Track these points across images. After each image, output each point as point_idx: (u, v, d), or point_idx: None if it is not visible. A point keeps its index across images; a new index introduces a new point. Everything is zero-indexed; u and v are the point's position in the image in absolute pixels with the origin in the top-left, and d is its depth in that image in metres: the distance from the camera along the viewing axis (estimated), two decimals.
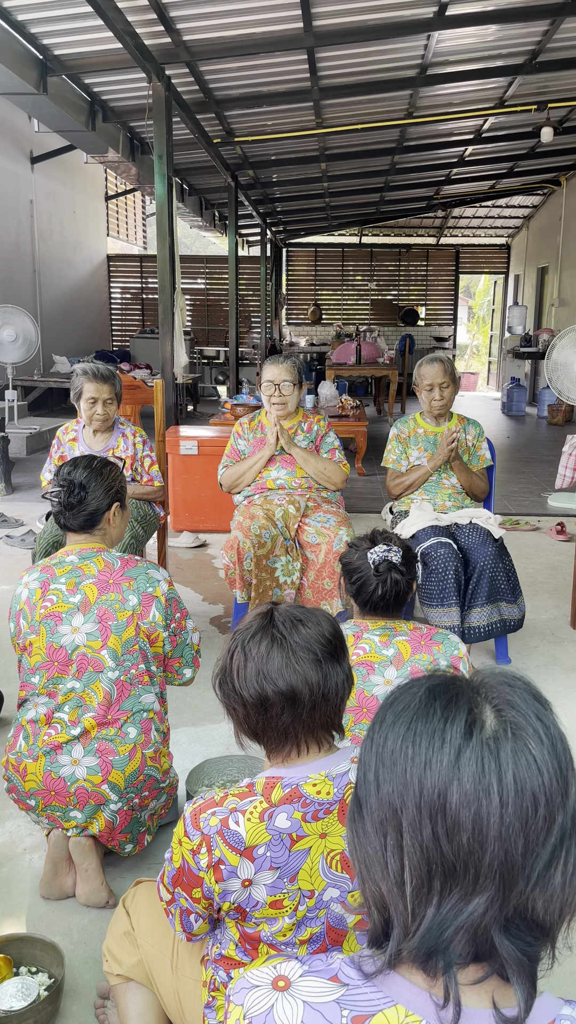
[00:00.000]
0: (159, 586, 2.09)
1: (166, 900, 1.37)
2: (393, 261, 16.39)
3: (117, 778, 1.99)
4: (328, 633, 1.31)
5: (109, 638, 2.02)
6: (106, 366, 3.49)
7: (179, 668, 2.19)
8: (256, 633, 1.30)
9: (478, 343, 21.32)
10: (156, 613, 2.07)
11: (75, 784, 1.99)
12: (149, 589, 2.07)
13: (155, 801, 2.12)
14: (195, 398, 11.51)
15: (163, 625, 2.08)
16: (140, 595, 2.06)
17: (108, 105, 6.75)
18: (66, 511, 2.13)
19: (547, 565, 4.80)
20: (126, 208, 15.75)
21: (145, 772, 2.04)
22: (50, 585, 2.07)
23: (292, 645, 1.27)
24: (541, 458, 8.28)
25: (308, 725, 1.26)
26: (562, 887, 0.70)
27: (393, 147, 8.98)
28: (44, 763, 2.01)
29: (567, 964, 1.85)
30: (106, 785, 1.99)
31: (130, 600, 2.05)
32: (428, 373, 3.50)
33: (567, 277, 11.68)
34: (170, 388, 5.85)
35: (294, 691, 1.24)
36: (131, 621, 2.04)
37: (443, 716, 0.72)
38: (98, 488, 2.15)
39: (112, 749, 2.00)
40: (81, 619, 2.03)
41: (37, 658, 2.05)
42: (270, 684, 1.25)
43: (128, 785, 2.01)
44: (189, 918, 1.35)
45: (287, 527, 3.28)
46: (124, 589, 2.06)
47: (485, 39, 6.11)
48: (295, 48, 5.60)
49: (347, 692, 1.31)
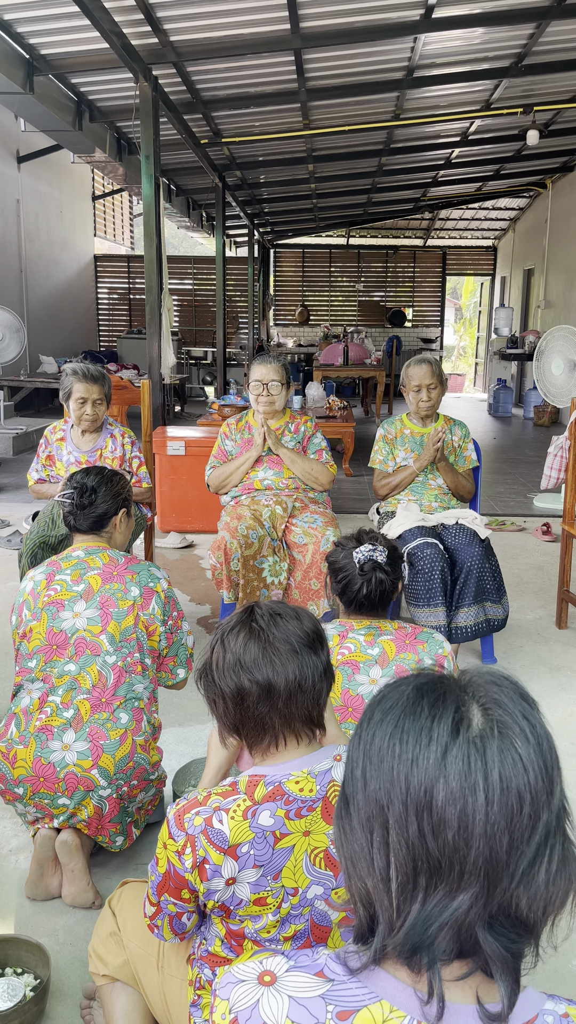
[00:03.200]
0: (160, 583, 2.21)
1: (150, 915, 1.37)
2: (380, 263, 16.43)
3: (107, 763, 2.01)
4: (307, 627, 1.32)
5: (109, 624, 2.10)
6: (96, 367, 3.48)
7: (173, 668, 2.25)
8: (236, 627, 1.32)
9: (465, 344, 21.41)
10: (156, 607, 2.16)
11: (65, 769, 2.00)
12: (151, 584, 2.18)
13: (143, 793, 2.12)
14: (183, 399, 11.50)
15: (161, 620, 2.17)
16: (142, 587, 2.16)
17: (95, 105, 6.74)
18: (77, 511, 2.26)
19: (533, 565, 4.83)
20: (113, 208, 15.71)
21: (135, 759, 2.05)
22: (55, 576, 2.17)
23: (269, 636, 1.29)
24: (527, 459, 8.32)
25: (285, 716, 1.28)
26: (546, 885, 0.70)
27: (380, 149, 9.01)
28: (35, 749, 2.02)
29: (551, 962, 1.87)
30: (96, 770, 2.00)
31: (132, 591, 2.15)
32: (415, 374, 3.51)
33: (553, 279, 11.75)
34: (157, 389, 5.84)
35: (269, 680, 1.26)
36: (131, 610, 2.13)
37: (430, 714, 0.73)
38: (107, 493, 2.30)
39: (103, 733, 2.02)
40: (83, 605, 2.12)
41: (36, 642, 2.11)
42: (246, 674, 1.27)
43: (118, 771, 2.02)
44: (180, 919, 1.35)
45: (274, 527, 3.29)
46: (127, 581, 2.16)
47: (471, 42, 6.14)
48: (282, 49, 5.61)
49: (325, 685, 1.32)
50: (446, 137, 9.03)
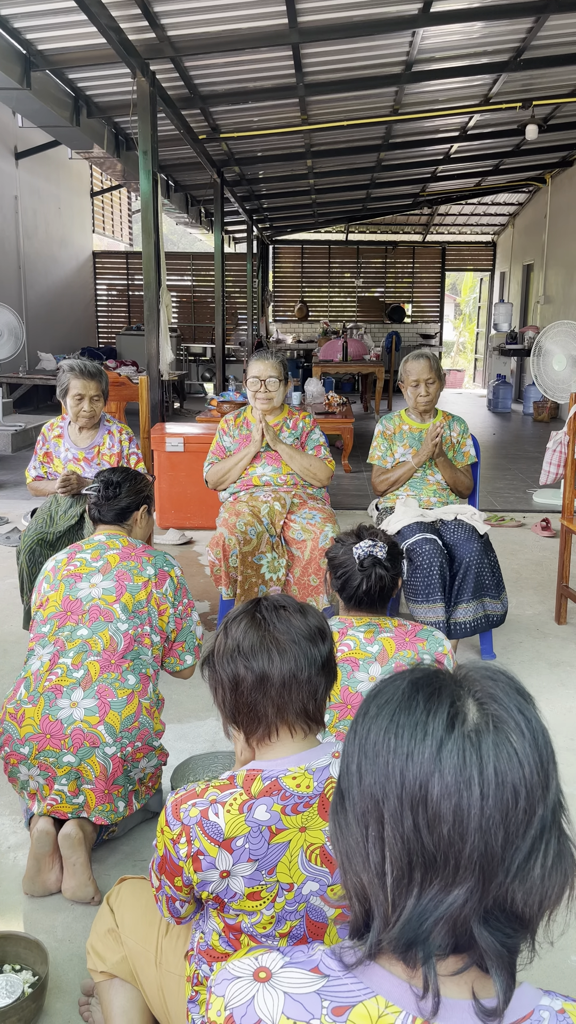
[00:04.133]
0: (174, 569, 2.37)
1: (155, 887, 1.39)
2: (379, 258, 16.40)
3: (113, 719, 2.06)
4: (311, 622, 1.33)
5: (123, 595, 2.24)
6: (93, 363, 3.47)
7: (182, 653, 2.36)
8: (239, 616, 1.34)
9: (464, 340, 21.39)
10: (168, 588, 2.31)
11: (72, 725, 2.05)
12: (166, 568, 2.34)
13: (145, 760, 2.14)
14: (182, 395, 11.49)
15: (172, 602, 2.31)
16: (157, 569, 2.32)
17: (92, 100, 6.72)
18: (102, 503, 2.45)
19: (532, 561, 4.82)
20: (112, 205, 15.68)
21: (140, 720, 2.11)
22: (76, 555, 2.34)
23: (269, 627, 1.31)
24: (526, 455, 8.31)
25: (278, 705, 1.28)
26: (541, 879, 0.70)
27: (379, 144, 8.99)
28: (43, 706, 2.08)
29: (549, 958, 1.87)
30: (102, 726, 2.05)
31: (148, 569, 2.30)
32: (414, 369, 3.51)
33: (552, 274, 11.73)
34: (155, 385, 5.84)
35: (264, 668, 1.28)
36: (145, 587, 2.27)
37: (425, 708, 0.72)
38: (131, 489, 2.49)
39: (111, 692, 2.10)
40: (100, 578, 2.27)
41: (51, 609, 2.24)
42: (243, 660, 1.29)
43: (123, 729, 2.07)
44: (175, 904, 1.36)
45: (273, 524, 3.28)
46: (144, 561, 2.32)
47: (470, 36, 6.12)
48: (280, 44, 5.59)
49: (326, 681, 1.32)
50: (445, 132, 9.01)
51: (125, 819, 2.23)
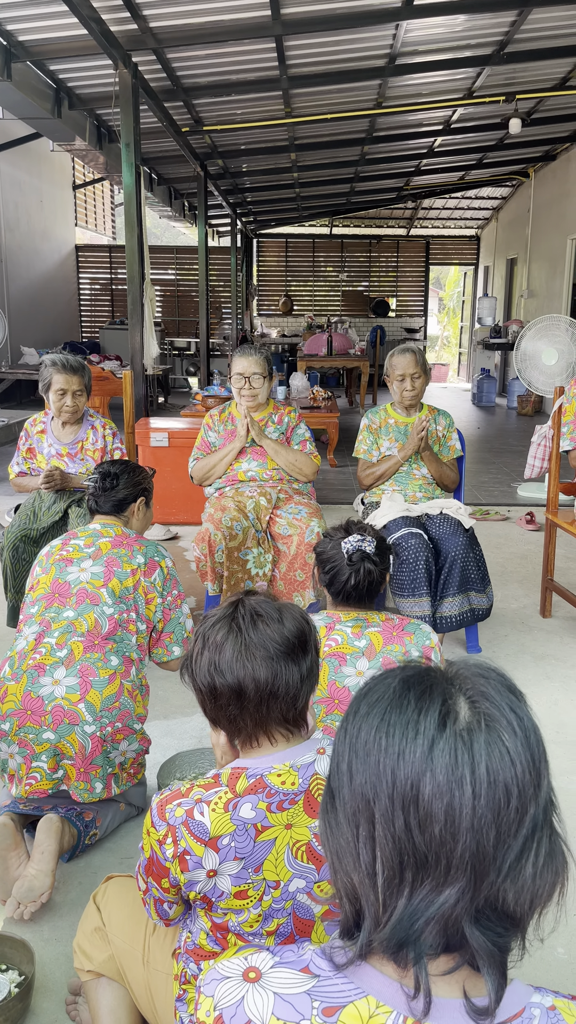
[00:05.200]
0: (165, 560, 2.38)
1: (142, 890, 1.38)
2: (364, 252, 16.39)
3: (94, 698, 2.07)
4: (289, 632, 1.29)
5: (111, 580, 2.26)
6: (75, 357, 3.44)
7: (169, 644, 2.36)
8: (216, 623, 1.31)
9: (448, 334, 21.43)
10: (157, 578, 2.33)
11: (53, 703, 2.06)
12: (156, 557, 2.36)
13: (126, 743, 2.13)
14: (166, 390, 11.44)
15: (160, 592, 2.32)
16: (148, 558, 2.34)
17: (74, 92, 6.66)
18: (100, 493, 2.48)
19: (517, 555, 4.84)
20: (94, 197, 15.56)
21: (121, 701, 2.11)
22: (70, 541, 2.38)
23: (246, 640, 1.27)
24: (511, 448, 8.34)
25: (256, 719, 1.27)
26: (532, 878, 0.70)
27: (363, 137, 8.97)
28: (25, 683, 2.09)
29: (535, 952, 1.87)
30: (82, 704, 2.05)
31: (137, 557, 2.33)
32: (400, 363, 3.50)
33: (536, 268, 11.77)
34: (139, 379, 5.81)
35: (240, 685, 1.25)
36: (134, 574, 2.29)
37: (417, 707, 0.72)
38: (129, 481, 2.52)
39: (94, 671, 2.11)
40: (91, 563, 2.30)
41: (40, 591, 2.27)
42: (219, 675, 1.27)
43: (103, 708, 2.07)
44: (163, 906, 1.35)
45: (259, 519, 3.27)
46: (135, 550, 2.35)
47: (453, 29, 6.11)
48: (263, 36, 5.56)
49: (305, 690, 1.30)
50: (429, 125, 9.00)
51: (109, 820, 2.22)
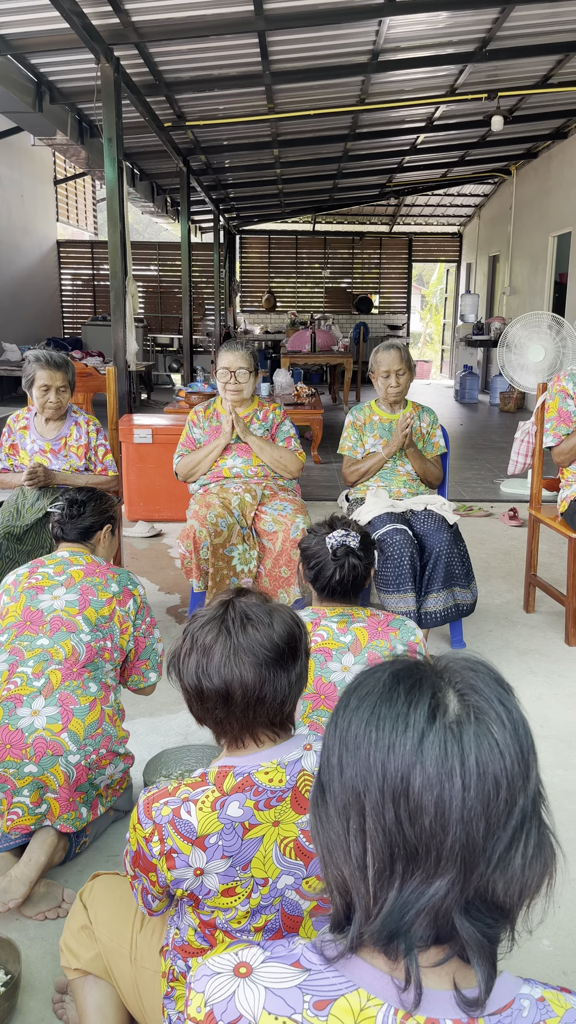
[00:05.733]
0: (138, 588, 2.34)
1: (130, 876, 1.38)
2: (347, 249, 16.40)
3: (77, 727, 2.03)
4: (279, 637, 1.27)
5: (87, 608, 2.21)
6: (59, 353, 3.42)
7: (145, 671, 2.33)
8: (206, 624, 1.29)
9: (431, 331, 21.49)
10: (132, 607, 2.29)
11: (33, 734, 2.01)
12: (130, 586, 2.32)
13: (111, 767, 2.11)
14: (149, 386, 11.40)
15: (134, 621, 2.28)
16: (122, 587, 2.30)
17: (56, 86, 6.61)
18: (66, 521, 2.44)
19: (500, 550, 4.87)
20: (76, 193, 15.46)
21: (103, 727, 2.09)
22: (38, 569, 2.32)
23: (234, 644, 1.25)
24: (493, 445, 8.38)
25: (243, 723, 1.26)
26: (522, 869, 0.70)
27: (346, 134, 8.97)
28: (2, 716, 2.03)
29: (524, 946, 1.89)
30: (65, 734, 2.01)
31: (112, 586, 2.28)
32: (384, 360, 3.51)
33: (518, 265, 11.82)
34: (123, 376, 5.78)
35: (227, 690, 1.24)
36: (109, 603, 2.25)
37: (407, 700, 0.72)
38: (95, 509, 2.48)
39: (74, 699, 2.07)
40: (64, 591, 2.24)
41: (10, 619, 2.20)
42: (206, 678, 1.25)
43: (87, 736, 2.04)
44: (147, 897, 1.35)
45: (243, 515, 3.27)
46: (108, 578, 2.30)
47: (435, 26, 6.12)
48: (246, 31, 5.54)
49: (293, 695, 1.29)
50: (411, 122, 9.01)
51: (96, 823, 2.21)
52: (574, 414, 3.49)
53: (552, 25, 6.29)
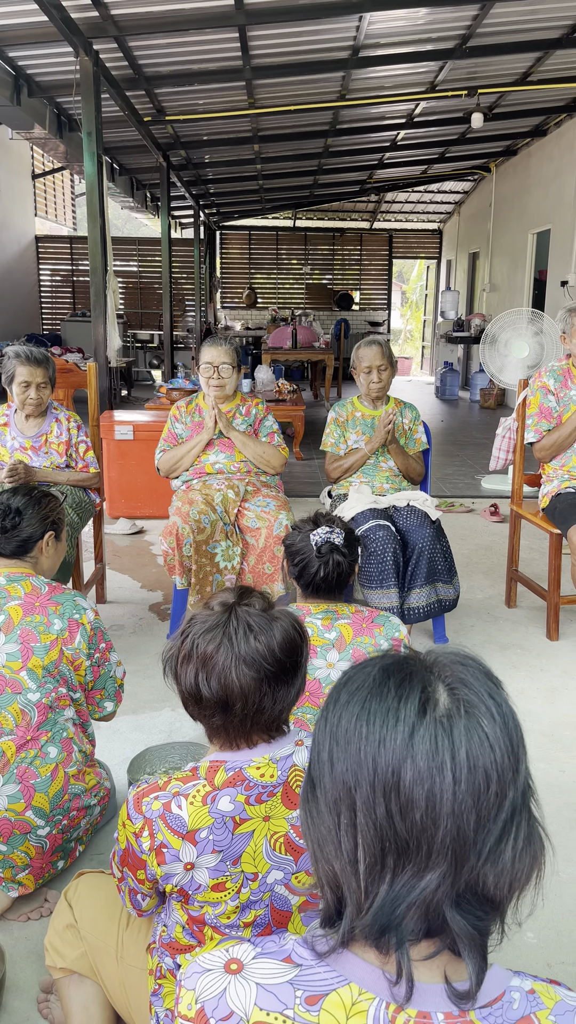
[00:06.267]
0: (86, 614, 2.05)
1: (117, 878, 1.37)
2: (327, 245, 16.39)
3: (41, 801, 1.90)
4: (280, 650, 1.25)
5: (30, 659, 1.96)
6: (39, 349, 3.39)
7: (100, 701, 2.13)
8: (208, 631, 1.26)
9: (411, 328, 21.53)
10: (81, 641, 2.02)
11: None
12: (76, 616, 2.03)
13: (86, 819, 2.05)
14: (129, 382, 11.34)
15: (87, 654, 2.03)
16: (66, 620, 2.01)
17: (34, 79, 6.55)
18: (1, 535, 2.12)
19: (481, 546, 4.89)
20: (54, 187, 15.33)
21: (70, 791, 1.96)
22: None
23: (237, 655, 1.23)
24: (474, 441, 8.42)
25: (240, 730, 1.26)
26: (512, 862, 0.71)
27: (326, 129, 8.96)
28: None
29: (515, 938, 1.90)
30: (30, 811, 1.89)
31: (55, 624, 2.00)
32: (366, 356, 3.51)
33: (497, 262, 11.88)
34: (104, 372, 5.75)
35: (227, 700, 1.23)
36: (55, 645, 1.98)
37: (397, 695, 0.72)
38: (34, 516, 2.15)
39: (33, 772, 1.91)
40: (2, 639, 1.96)
41: None
42: (205, 687, 1.23)
43: (54, 807, 1.93)
44: (136, 897, 1.34)
45: (227, 512, 3.26)
46: (50, 613, 2.01)
47: (415, 22, 6.13)
48: (226, 25, 5.51)
49: (293, 701, 1.29)
50: (392, 119, 9.02)
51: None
52: (555, 410, 3.51)
53: (531, 23, 6.32)
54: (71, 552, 3.15)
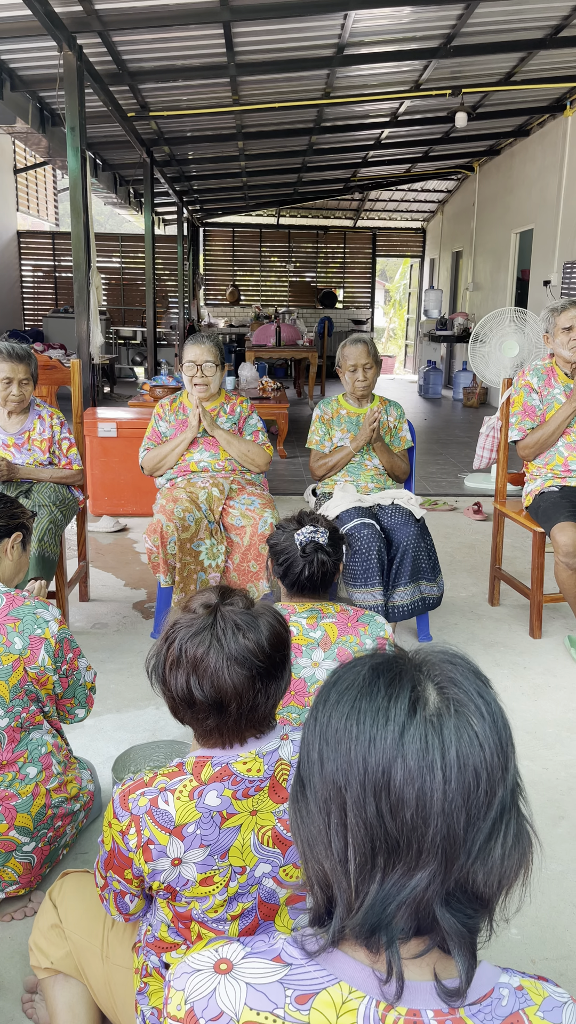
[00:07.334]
0: (48, 627, 1.94)
1: (100, 886, 1.37)
2: (311, 243, 16.39)
3: (24, 821, 1.89)
4: (268, 645, 1.25)
5: None
6: (22, 345, 3.37)
7: (71, 708, 2.07)
8: (196, 634, 1.25)
9: (395, 326, 21.58)
10: (45, 656, 1.92)
11: None
12: (37, 631, 1.92)
13: (71, 827, 2.04)
14: (112, 379, 11.29)
15: (52, 668, 1.95)
16: (27, 638, 1.91)
17: (16, 73, 6.50)
18: None
19: (465, 544, 4.91)
20: (36, 182, 15.21)
21: (53, 806, 1.95)
22: None
23: (228, 655, 1.22)
24: (457, 439, 8.46)
25: (234, 729, 1.26)
26: (501, 860, 0.71)
27: (311, 127, 8.95)
28: None
29: (503, 935, 1.91)
30: (14, 831, 1.88)
31: (16, 643, 1.90)
32: (352, 354, 3.52)
33: (480, 261, 11.93)
34: (87, 369, 5.72)
35: (221, 701, 1.23)
36: (17, 665, 1.89)
37: (387, 694, 0.72)
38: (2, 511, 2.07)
39: (13, 794, 1.88)
40: None
41: None
42: (198, 691, 1.23)
43: (38, 823, 1.91)
44: (124, 899, 1.34)
45: (211, 510, 3.25)
46: (9, 631, 1.90)
47: (400, 21, 6.14)
48: (211, 21, 5.50)
49: (282, 694, 1.29)
50: (376, 117, 9.03)
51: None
52: (539, 409, 3.53)
53: (515, 23, 6.35)
54: (54, 550, 3.13)
